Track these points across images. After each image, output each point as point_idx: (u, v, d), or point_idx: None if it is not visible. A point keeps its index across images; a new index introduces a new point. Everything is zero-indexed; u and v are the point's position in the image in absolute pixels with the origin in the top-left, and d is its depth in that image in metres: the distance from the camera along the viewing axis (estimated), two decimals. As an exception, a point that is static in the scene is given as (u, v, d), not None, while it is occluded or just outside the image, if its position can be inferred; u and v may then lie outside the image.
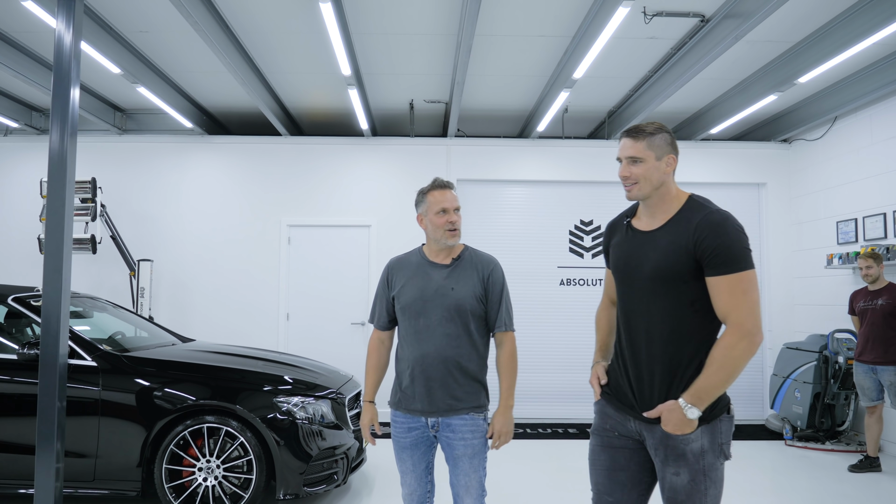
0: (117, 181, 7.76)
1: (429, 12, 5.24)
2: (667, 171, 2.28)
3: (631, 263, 2.30)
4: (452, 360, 2.77)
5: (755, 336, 2.07)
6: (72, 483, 4.19)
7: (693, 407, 2.11)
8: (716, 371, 2.09)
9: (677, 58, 6.02)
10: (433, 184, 2.88)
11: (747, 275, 2.08)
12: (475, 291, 2.82)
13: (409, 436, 2.85)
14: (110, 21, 5.36)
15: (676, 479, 2.18)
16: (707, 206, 2.24)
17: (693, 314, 2.16)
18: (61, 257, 3.52)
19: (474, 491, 2.79)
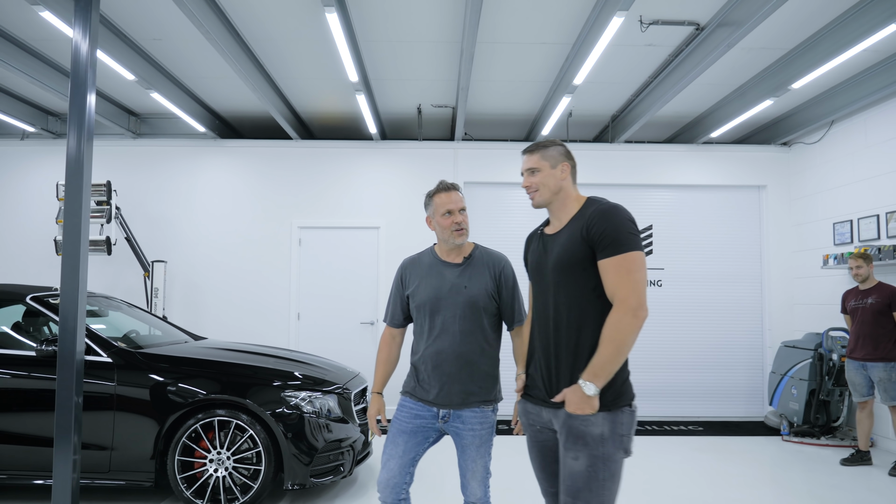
0: (132, 184, 7.98)
1: (432, 20, 5.42)
2: (562, 177, 2.46)
3: (540, 263, 2.49)
4: (467, 355, 2.89)
5: (639, 311, 2.19)
6: (88, 474, 4.37)
7: (589, 383, 2.20)
8: (605, 346, 2.21)
9: (675, 64, 6.17)
10: (438, 186, 3.00)
11: (632, 255, 2.23)
12: (488, 289, 2.95)
13: (413, 423, 2.95)
14: (125, 29, 5.56)
15: (575, 463, 2.26)
16: (600, 201, 2.41)
17: (595, 300, 2.29)
18: (78, 258, 3.69)
19: (479, 475, 2.92)
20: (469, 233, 3.00)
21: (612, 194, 8.03)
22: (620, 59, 6.11)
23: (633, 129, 7.49)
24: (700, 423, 7.79)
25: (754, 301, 8.23)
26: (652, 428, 7.48)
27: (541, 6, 5.14)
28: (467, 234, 2.99)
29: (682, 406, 8.05)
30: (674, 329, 8.11)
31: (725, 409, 8.07)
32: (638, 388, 7.00)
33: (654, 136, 8.65)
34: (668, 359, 8.08)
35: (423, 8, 5.21)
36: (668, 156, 8.29)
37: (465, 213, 2.98)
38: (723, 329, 8.17)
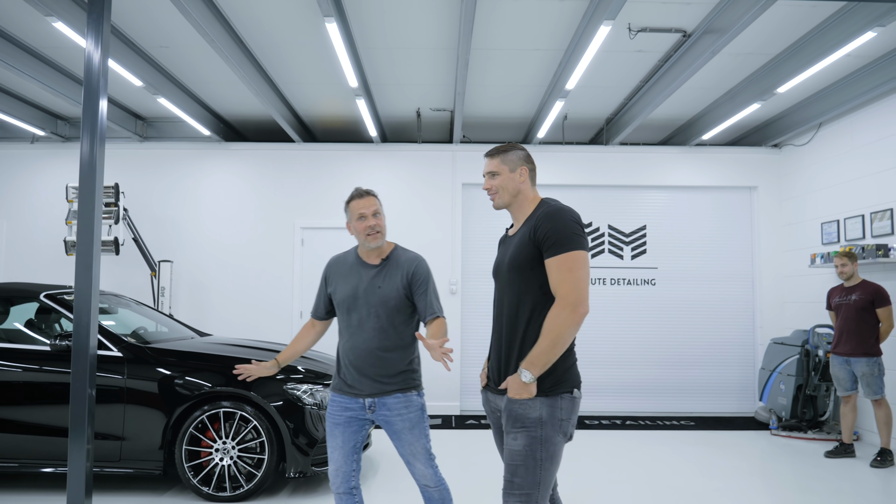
0: (139, 186, 8.21)
1: (428, 29, 5.63)
2: (521, 180, 2.61)
3: (499, 263, 2.67)
4: (379, 351, 3.06)
5: (578, 307, 2.35)
6: (100, 463, 4.59)
7: (526, 371, 2.37)
8: (543, 338, 2.37)
9: (664, 69, 6.37)
10: (352, 193, 3.17)
11: (574, 254, 2.38)
12: (400, 288, 3.09)
13: (344, 414, 3.09)
14: (133, 38, 5.79)
15: (514, 443, 2.40)
16: (550, 202, 2.56)
17: (542, 296, 2.45)
18: (91, 256, 3.88)
19: (421, 457, 3.06)
20: (385, 235, 3.13)
21: (608, 195, 8.35)
22: (611, 64, 6.32)
23: (626, 131, 7.69)
24: (692, 418, 7.99)
25: (746, 299, 8.43)
26: (644, 423, 7.67)
27: (533, 15, 5.35)
28: (382, 237, 3.12)
29: (674, 402, 8.24)
30: (667, 327, 8.31)
31: (718, 405, 8.26)
32: (631, 384, 7.42)
33: (649, 139, 8.85)
34: (661, 356, 8.28)
35: (418, 17, 5.42)
36: (661, 157, 8.49)
37: (379, 217, 3.12)
38: (715, 327, 8.36)
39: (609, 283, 8.38)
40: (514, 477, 2.37)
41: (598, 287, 8.37)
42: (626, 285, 8.38)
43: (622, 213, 8.46)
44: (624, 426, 7.51)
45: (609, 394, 8.22)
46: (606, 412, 8.16)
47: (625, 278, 8.38)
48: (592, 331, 8.25)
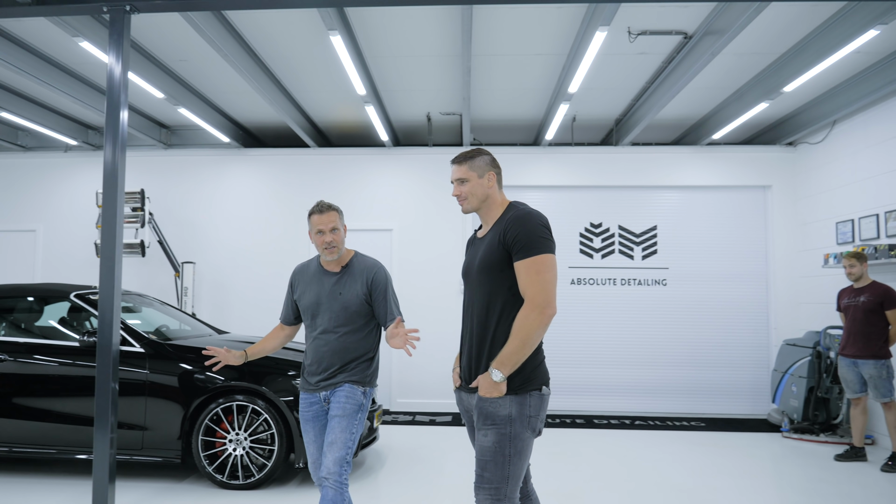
0: (163, 191, 8.56)
1: (430, 37, 5.83)
2: (489, 185, 2.72)
3: (469, 264, 2.78)
4: (340, 352, 3.27)
5: (545, 309, 2.46)
6: (125, 451, 4.89)
7: (497, 370, 2.48)
8: (512, 339, 2.48)
9: (668, 70, 6.46)
10: (313, 208, 3.34)
11: (542, 258, 2.49)
12: (360, 294, 3.31)
13: (311, 410, 3.32)
14: (154, 52, 6.11)
15: (484, 439, 2.50)
16: (519, 206, 2.67)
17: (511, 297, 2.56)
18: (114, 259, 4.16)
19: (337, 446, 3.12)
20: (342, 249, 3.32)
21: (618, 196, 8.45)
22: (614, 67, 6.44)
23: (635, 132, 7.78)
24: (703, 419, 8.01)
25: (760, 300, 8.41)
26: (654, 423, 7.74)
27: (532, 21, 5.51)
28: (338, 251, 3.31)
29: (685, 403, 8.28)
30: (678, 327, 8.35)
31: (730, 407, 8.26)
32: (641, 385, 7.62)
33: (660, 139, 8.92)
34: (672, 356, 8.32)
35: (420, 27, 5.63)
36: (673, 157, 8.54)
37: (336, 233, 3.29)
38: (728, 328, 8.36)
39: (619, 283, 8.46)
40: (484, 471, 2.49)
41: (609, 287, 8.46)
42: (636, 286, 8.45)
43: (633, 213, 8.54)
44: (633, 426, 7.59)
45: (618, 394, 8.30)
46: (615, 412, 8.25)
47: (635, 279, 8.45)
48: (603, 331, 8.34)
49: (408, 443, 6.52)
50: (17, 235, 8.68)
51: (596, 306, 8.44)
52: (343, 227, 3.37)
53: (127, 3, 4.09)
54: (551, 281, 2.50)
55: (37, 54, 6.00)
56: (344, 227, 3.38)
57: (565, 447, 6.46)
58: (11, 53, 5.62)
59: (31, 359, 5.08)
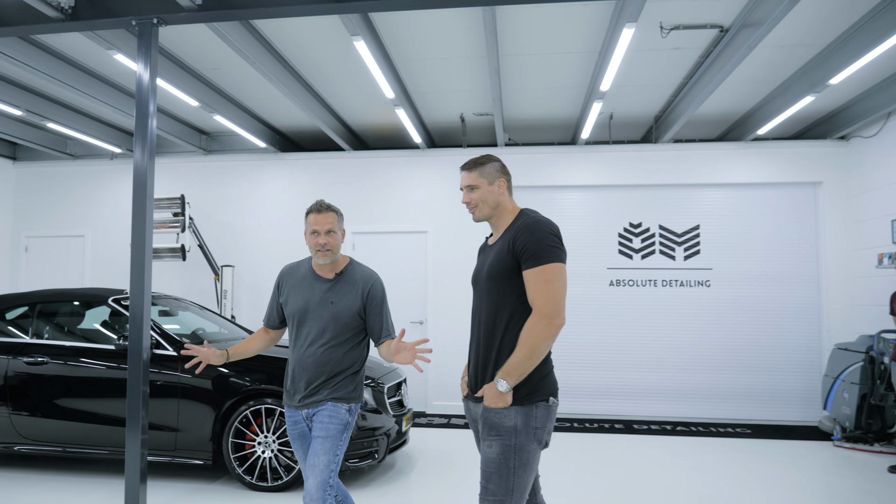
0: (203, 196, 8.76)
1: (457, 39, 5.78)
2: (500, 192, 2.67)
3: (478, 272, 2.72)
4: (325, 365, 3.05)
5: (554, 319, 2.40)
6: (158, 452, 5.01)
7: (502, 380, 2.42)
8: (520, 348, 2.42)
9: (706, 65, 6.25)
10: (310, 206, 3.15)
11: (551, 267, 2.43)
12: (354, 306, 3.09)
13: (296, 429, 3.13)
14: (188, 62, 6.25)
15: (489, 450, 2.45)
16: (529, 214, 2.60)
17: (519, 306, 2.50)
18: (143, 264, 4.26)
19: (318, 473, 2.91)
20: (336, 253, 3.11)
21: (658, 195, 8.24)
22: (648, 63, 6.26)
23: (674, 128, 7.56)
24: (749, 425, 7.72)
25: (811, 301, 8.07)
26: (696, 429, 7.51)
27: (559, 20, 5.40)
28: (332, 254, 3.10)
29: (730, 408, 8.00)
30: (723, 330, 8.08)
31: (779, 413, 7.94)
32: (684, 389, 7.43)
33: (703, 135, 8.65)
34: (717, 360, 8.05)
35: (445, 29, 5.58)
36: (716, 154, 8.28)
37: (332, 235, 3.09)
38: (776, 330, 8.05)
39: (661, 284, 8.24)
40: (489, 483, 2.44)
41: (650, 289, 8.25)
42: (678, 287, 8.21)
43: (674, 212, 8.30)
44: (674, 432, 7.37)
45: (660, 398, 8.08)
46: (656, 417, 8.03)
47: (677, 280, 8.22)
48: (644, 334, 8.14)
49: (440, 446, 6.49)
50: (66, 241, 9.02)
51: (636, 308, 8.24)
52: (341, 232, 3.18)
53: (154, 17, 4.19)
54: (560, 290, 2.45)
55: (77, 66, 6.22)
56: (342, 232, 3.19)
57: (602, 453, 6.32)
58: (54, 67, 5.84)
59: (70, 361, 5.25)
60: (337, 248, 3.13)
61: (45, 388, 5.23)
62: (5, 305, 5.66)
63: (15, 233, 9.13)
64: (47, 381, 5.23)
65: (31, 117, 7.30)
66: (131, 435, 4.21)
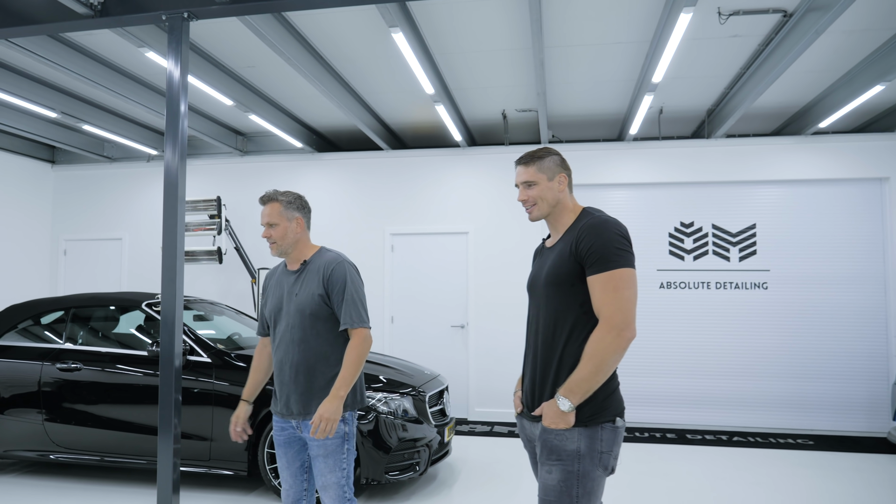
0: (240, 198, 8.64)
1: (500, 30, 5.49)
2: (560, 189, 2.42)
3: (535, 277, 2.46)
4: (300, 364, 2.85)
5: (624, 331, 2.15)
6: (192, 462, 4.85)
7: (564, 399, 2.17)
8: (585, 363, 2.17)
9: (766, 54, 5.85)
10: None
11: (620, 273, 2.18)
12: (316, 293, 2.87)
13: (283, 434, 2.94)
14: (222, 60, 6.09)
15: (549, 477, 2.21)
16: (593, 213, 2.34)
17: (582, 315, 2.25)
18: (175, 268, 4.08)
19: (332, 491, 2.79)
20: (283, 246, 2.96)
21: (711, 192, 7.84)
22: (704, 52, 5.89)
23: (729, 122, 7.15)
24: (811, 436, 7.25)
25: (877, 304, 7.55)
26: (754, 440, 7.08)
27: (608, 8, 5.09)
28: (277, 248, 2.97)
29: (790, 418, 7.54)
30: (781, 335, 7.62)
31: (843, 423, 7.45)
32: (741, 397, 6.96)
33: (758, 129, 8.21)
34: (775, 366, 7.60)
35: (487, 20, 5.30)
36: (772, 149, 7.83)
37: (274, 228, 2.95)
38: (839, 335, 7.56)
39: (714, 287, 7.82)
40: None
41: (703, 292, 7.85)
42: (733, 289, 7.78)
43: (728, 211, 7.87)
44: (730, 442, 6.96)
45: (714, 407, 7.66)
46: (711, 426, 7.61)
47: (732, 282, 7.79)
48: (696, 338, 7.75)
49: (484, 456, 6.22)
50: (104, 244, 9.01)
51: (688, 311, 7.84)
52: (294, 220, 2.99)
53: (185, 11, 4.01)
54: (631, 299, 2.18)
55: (110, 66, 6.11)
56: (297, 220, 3.00)
57: (652, 465, 5.98)
58: (86, 67, 5.75)
59: (103, 368, 5.14)
60: (282, 240, 2.97)
61: (79, 394, 5.13)
62: (40, 310, 5.58)
63: (54, 236, 9.16)
64: (81, 388, 5.13)
65: (66, 119, 7.26)
66: (163, 444, 4.03)
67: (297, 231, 2.99)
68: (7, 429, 5.22)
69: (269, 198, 2.99)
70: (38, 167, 9.02)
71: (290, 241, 2.99)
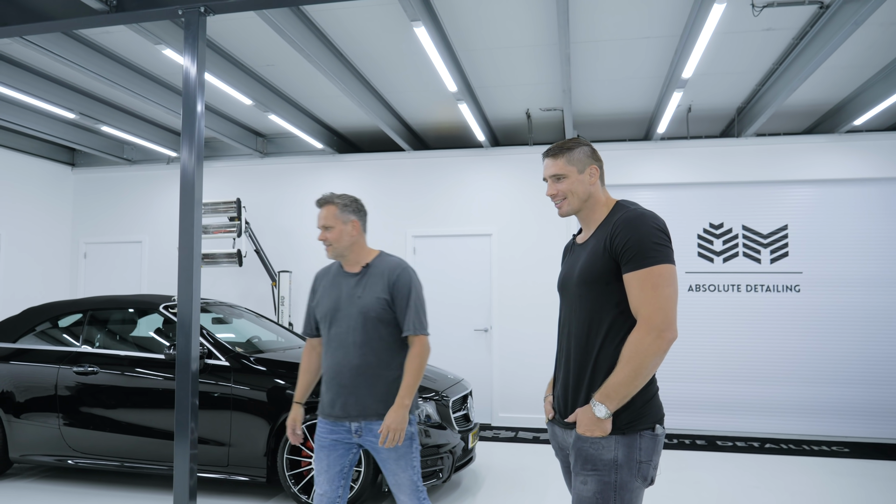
0: (260, 200, 8.57)
1: (525, 25, 5.34)
2: (591, 182, 2.27)
3: (567, 275, 2.30)
4: (361, 367, 2.85)
5: (664, 332, 1.99)
6: (210, 467, 4.74)
7: (600, 405, 2.02)
8: (622, 367, 2.02)
9: (800, 48, 5.64)
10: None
11: (658, 269, 2.02)
12: (381, 297, 2.88)
13: (328, 438, 2.91)
14: (241, 58, 5.99)
15: (583, 488, 2.07)
16: (628, 206, 2.19)
17: (618, 316, 2.10)
18: (192, 270, 3.98)
19: (406, 488, 2.86)
20: (339, 249, 2.96)
21: (741, 193, 7.62)
22: (736, 47, 5.70)
23: (759, 121, 6.94)
24: (846, 443, 6.99)
25: (917, 307, 7.28)
26: (787, 447, 6.84)
27: (635, 1, 4.93)
28: (333, 250, 2.97)
29: (826, 424, 7.28)
30: (815, 338, 7.37)
31: (880, 430, 7.17)
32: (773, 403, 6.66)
33: (790, 128, 7.96)
34: (809, 371, 7.35)
35: (513, 14, 5.16)
36: (805, 148, 7.59)
37: (330, 231, 2.96)
38: (875, 339, 7.28)
39: (745, 290, 7.59)
40: None
41: (732, 294, 7.62)
42: (764, 292, 7.55)
43: (759, 211, 7.64)
44: (762, 450, 6.72)
45: (745, 412, 7.42)
46: (742, 433, 7.37)
47: (763, 284, 7.55)
48: (726, 342, 7.53)
49: (509, 463, 6.06)
50: (124, 247, 8.98)
51: (718, 315, 7.62)
52: (351, 224, 2.99)
53: (201, 5, 3.91)
54: (671, 297, 2.02)
55: (127, 65, 6.04)
56: (353, 223, 3.00)
57: (681, 472, 5.77)
58: (104, 66, 5.69)
59: (120, 371, 5.06)
60: (339, 243, 2.97)
61: (95, 398, 5.05)
62: (56, 313, 5.52)
63: (74, 239, 9.14)
64: (97, 392, 5.06)
65: (84, 121, 7.21)
66: (179, 449, 3.92)
67: (352, 234, 3.00)
68: (24, 433, 5.16)
69: (325, 201, 3.03)
70: (59, 170, 9.02)
71: (346, 244, 2.99)
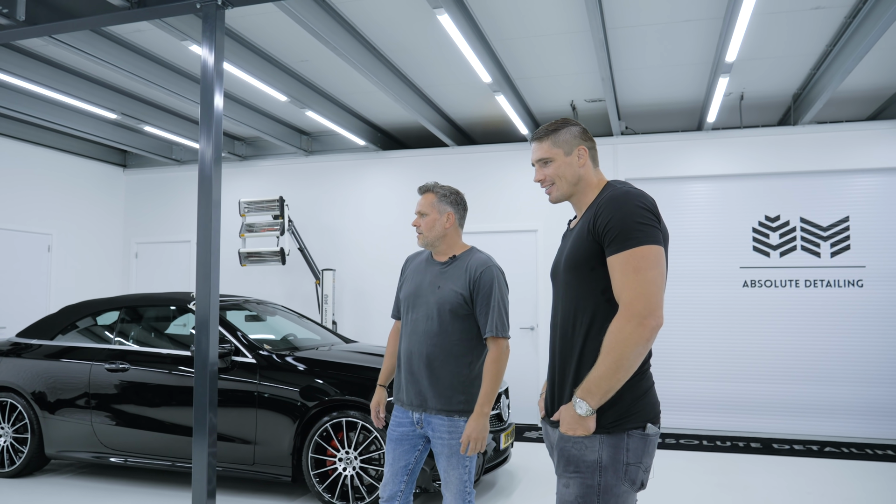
0: (304, 198, 8.62)
1: (561, 11, 5.12)
2: (580, 164, 2.10)
3: (556, 262, 2.15)
4: (427, 357, 2.83)
5: (646, 319, 1.80)
6: (235, 465, 4.74)
7: (582, 401, 1.85)
8: (603, 359, 1.84)
9: (854, 27, 5.25)
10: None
11: (641, 250, 1.84)
12: (460, 291, 2.83)
13: (397, 430, 2.92)
14: (274, 55, 5.99)
15: (566, 491, 1.92)
16: (616, 186, 2.02)
17: (605, 303, 1.92)
18: (209, 267, 3.95)
19: (453, 487, 2.83)
20: (429, 236, 2.94)
21: (798, 183, 7.20)
22: (783, 28, 5.35)
23: (815, 107, 6.52)
24: (918, 450, 6.49)
25: None
26: (850, 451, 6.37)
27: (674, -22, 4.68)
28: (423, 238, 2.96)
29: (891, 427, 6.80)
30: (879, 335, 6.91)
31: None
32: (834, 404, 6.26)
33: (851, 115, 7.47)
34: (873, 370, 6.90)
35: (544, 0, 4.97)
36: (867, 135, 7.09)
37: (424, 218, 2.95)
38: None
39: (804, 285, 7.15)
40: None
41: (791, 290, 7.19)
42: (824, 287, 7.09)
43: (818, 203, 7.19)
44: (822, 453, 6.29)
45: (804, 414, 7.01)
46: (800, 436, 6.95)
47: (823, 279, 7.10)
48: (784, 341, 7.14)
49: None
50: (174, 246, 9.18)
51: (775, 312, 7.21)
52: (445, 214, 2.96)
53: (219, -2, 3.90)
54: (654, 281, 1.84)
55: (163, 63, 6.10)
56: (448, 215, 2.96)
57: (731, 476, 5.47)
58: (138, 65, 5.77)
59: (150, 368, 5.10)
60: (429, 231, 2.95)
61: (126, 395, 5.10)
62: (92, 311, 5.64)
63: (126, 240, 9.42)
64: (128, 389, 5.11)
65: (126, 121, 7.37)
66: (198, 448, 3.92)
67: (445, 225, 2.97)
68: (59, 430, 5.25)
69: (426, 188, 3.04)
70: (111, 171, 9.31)
71: (437, 234, 2.96)
